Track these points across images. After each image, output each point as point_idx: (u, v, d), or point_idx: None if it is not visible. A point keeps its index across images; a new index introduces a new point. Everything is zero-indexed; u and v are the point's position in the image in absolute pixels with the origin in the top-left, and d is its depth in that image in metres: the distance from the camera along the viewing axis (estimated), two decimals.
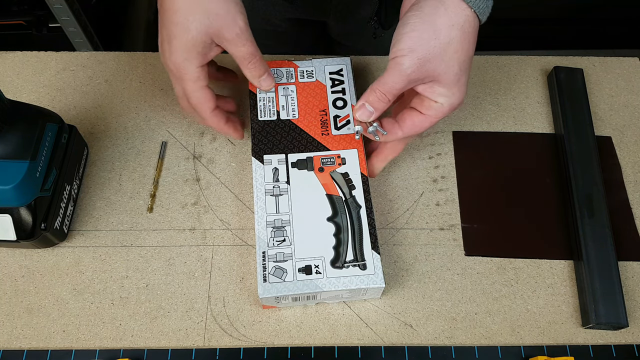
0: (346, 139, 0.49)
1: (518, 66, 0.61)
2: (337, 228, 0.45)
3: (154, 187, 0.52)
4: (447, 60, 0.39)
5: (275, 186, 0.47)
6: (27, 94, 0.57)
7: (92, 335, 0.45)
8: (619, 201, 0.53)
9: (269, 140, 0.49)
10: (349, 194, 0.47)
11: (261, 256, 0.44)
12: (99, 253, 0.49)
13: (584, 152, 0.53)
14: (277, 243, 0.44)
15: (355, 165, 0.48)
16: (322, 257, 0.44)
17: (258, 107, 0.51)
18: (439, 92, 0.41)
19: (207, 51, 0.44)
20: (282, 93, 0.52)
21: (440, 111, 0.42)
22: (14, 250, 0.48)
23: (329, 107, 0.51)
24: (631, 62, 0.62)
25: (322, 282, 0.43)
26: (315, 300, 0.45)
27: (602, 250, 0.48)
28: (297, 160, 0.48)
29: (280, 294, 0.43)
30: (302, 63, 0.54)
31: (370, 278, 0.43)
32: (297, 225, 0.45)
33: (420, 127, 0.43)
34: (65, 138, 0.48)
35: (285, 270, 0.43)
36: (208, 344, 0.45)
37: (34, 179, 0.43)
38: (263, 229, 0.45)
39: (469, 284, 0.48)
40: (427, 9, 0.39)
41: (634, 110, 0.59)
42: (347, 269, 0.44)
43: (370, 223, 0.45)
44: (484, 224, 0.51)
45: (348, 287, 0.43)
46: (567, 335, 0.46)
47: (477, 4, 0.38)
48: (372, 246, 0.45)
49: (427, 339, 0.46)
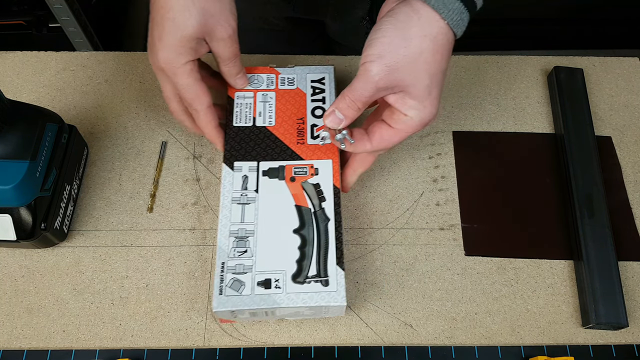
0: (322, 149, 0.48)
1: (518, 66, 0.61)
2: (302, 241, 0.43)
3: (154, 187, 0.52)
4: (417, 70, 0.38)
5: (243, 194, 0.46)
6: (27, 94, 0.57)
7: (92, 335, 0.45)
8: (619, 201, 0.53)
9: (242, 147, 0.48)
10: (318, 205, 0.45)
11: (220, 267, 0.42)
12: (99, 253, 0.49)
13: (584, 152, 0.53)
14: (239, 254, 0.43)
15: (329, 177, 0.46)
16: (284, 271, 0.42)
17: (234, 113, 0.50)
18: (410, 104, 0.39)
19: (198, 47, 0.44)
20: (261, 99, 0.51)
21: (410, 125, 0.40)
22: (14, 250, 0.48)
23: (307, 115, 0.50)
24: (631, 62, 0.62)
25: (281, 298, 0.41)
26: (275, 316, 0.44)
27: (602, 250, 0.48)
28: (268, 169, 0.47)
29: (236, 308, 0.41)
30: (284, 70, 0.52)
31: (331, 295, 0.41)
32: (261, 236, 0.44)
33: (388, 142, 0.42)
34: (65, 138, 0.48)
35: (243, 283, 0.42)
36: (208, 344, 0.45)
37: (34, 179, 0.43)
38: (225, 239, 0.43)
39: (469, 284, 0.48)
40: (401, 16, 0.38)
41: (634, 110, 0.59)
42: (309, 285, 0.42)
43: (337, 237, 0.44)
44: (484, 224, 0.51)
45: (307, 304, 0.41)
46: (567, 335, 0.47)
47: (450, 16, 0.37)
48: (337, 262, 0.43)
49: (427, 339, 0.46)
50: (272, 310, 0.42)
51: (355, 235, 0.50)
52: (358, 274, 0.48)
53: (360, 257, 0.49)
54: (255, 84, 0.51)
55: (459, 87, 0.59)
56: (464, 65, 0.61)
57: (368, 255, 0.49)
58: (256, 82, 0.52)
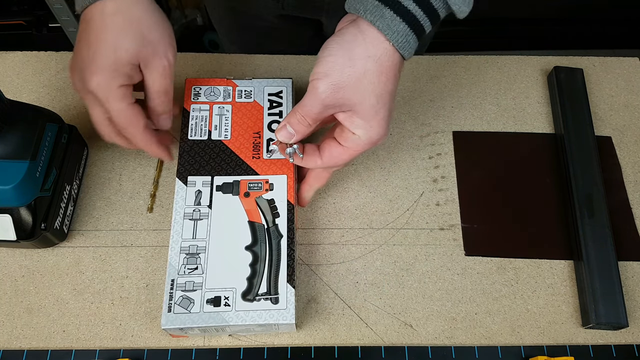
0: (277, 163, 0.47)
1: (518, 66, 0.61)
2: (254, 257, 0.43)
3: (154, 187, 0.52)
4: (363, 90, 0.38)
5: (195, 210, 0.45)
6: (27, 94, 0.57)
7: (92, 335, 0.45)
8: (619, 201, 0.53)
9: (196, 161, 0.47)
10: (272, 221, 0.45)
11: (169, 284, 0.42)
12: (99, 253, 0.49)
13: (584, 152, 0.53)
14: (189, 271, 0.43)
15: (283, 192, 0.46)
16: (234, 289, 0.42)
17: (189, 126, 0.49)
18: (357, 123, 0.39)
19: (133, 74, 0.42)
20: (217, 112, 0.50)
21: (358, 144, 0.41)
22: (14, 250, 0.48)
23: (264, 129, 0.49)
24: (631, 62, 0.62)
25: (230, 316, 0.41)
26: (225, 332, 0.44)
27: (602, 250, 0.48)
28: (222, 184, 0.46)
29: (185, 326, 0.41)
30: (241, 82, 0.52)
31: (280, 313, 0.41)
32: (213, 253, 0.43)
33: (338, 159, 0.42)
34: (65, 138, 0.48)
35: (192, 300, 0.41)
36: (208, 344, 0.45)
37: (34, 179, 0.43)
38: (176, 256, 0.43)
39: (469, 284, 0.48)
40: (348, 36, 0.38)
41: (634, 110, 0.59)
42: (258, 302, 0.41)
43: (289, 254, 0.43)
44: (484, 224, 0.51)
45: (256, 322, 0.41)
46: (567, 335, 0.47)
47: (395, 38, 0.37)
48: (288, 279, 0.43)
49: (427, 339, 0.46)
50: (222, 327, 0.41)
51: (355, 235, 0.50)
52: (358, 274, 0.48)
53: (360, 257, 0.49)
54: (212, 97, 0.51)
55: (459, 87, 0.59)
56: (464, 65, 0.61)
57: (368, 255, 0.49)
58: (213, 95, 0.51)
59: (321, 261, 0.49)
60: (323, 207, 0.51)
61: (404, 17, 0.37)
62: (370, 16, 0.37)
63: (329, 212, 0.51)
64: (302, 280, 0.48)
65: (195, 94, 0.51)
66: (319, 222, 0.51)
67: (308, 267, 0.49)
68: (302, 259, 0.49)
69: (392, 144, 0.55)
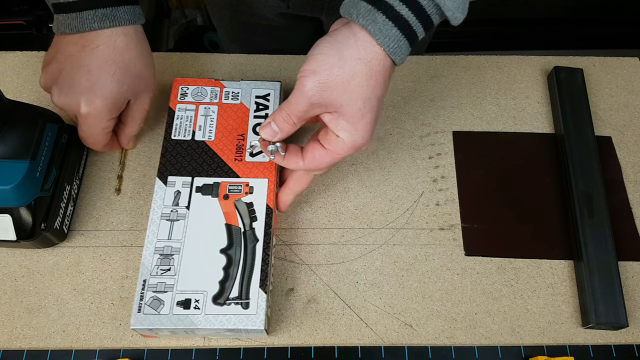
0: (259, 167, 0.47)
1: (518, 66, 0.61)
2: (228, 261, 0.43)
3: (120, 169, 0.52)
4: (350, 92, 0.38)
5: (173, 210, 0.45)
6: (27, 94, 0.57)
7: (92, 335, 0.45)
8: (619, 201, 0.53)
9: (178, 161, 0.47)
10: (249, 225, 0.44)
11: (141, 284, 0.42)
12: (99, 253, 0.49)
13: (584, 152, 0.53)
14: (162, 272, 0.42)
15: (263, 196, 0.46)
16: (205, 292, 0.42)
17: (174, 125, 0.49)
18: (342, 125, 0.39)
19: (123, 105, 0.47)
20: (202, 113, 0.50)
21: (342, 147, 0.40)
22: (14, 250, 0.48)
23: (248, 132, 0.49)
24: (631, 62, 0.62)
25: (198, 319, 0.41)
26: (195, 334, 0.43)
27: (602, 250, 0.48)
28: (202, 185, 0.46)
29: (154, 327, 0.41)
30: (229, 84, 0.51)
31: (249, 319, 0.41)
32: (187, 255, 0.43)
33: (320, 162, 0.42)
34: (65, 138, 0.48)
35: (162, 302, 0.41)
36: (208, 344, 0.45)
37: (34, 179, 0.43)
38: (150, 256, 0.43)
39: (469, 284, 0.48)
40: (340, 36, 0.38)
41: (634, 110, 0.59)
42: (228, 307, 0.41)
43: (264, 259, 0.43)
44: (484, 224, 0.51)
45: (225, 327, 0.41)
46: (567, 335, 0.47)
47: (387, 43, 0.37)
48: (260, 284, 0.42)
49: (427, 339, 0.46)
50: (192, 329, 0.41)
51: (355, 235, 0.50)
52: (358, 274, 0.48)
53: (360, 257, 0.49)
54: (198, 97, 0.50)
55: (458, 87, 0.59)
56: (464, 65, 0.61)
57: (368, 255, 0.49)
58: (200, 95, 0.50)
59: (321, 261, 0.49)
60: (323, 207, 0.51)
61: (396, 22, 0.37)
62: (363, 20, 0.37)
63: (329, 212, 0.51)
64: (302, 280, 0.48)
65: (182, 94, 0.51)
66: (319, 222, 0.51)
67: (308, 267, 0.49)
68: (302, 259, 0.49)
69: (392, 144, 0.55)
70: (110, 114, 0.46)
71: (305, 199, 0.52)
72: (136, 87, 0.46)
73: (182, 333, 0.43)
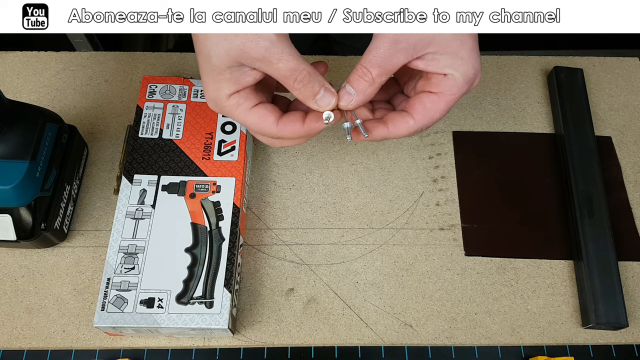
0: (227, 165, 0.47)
1: (518, 66, 0.61)
2: (193, 260, 0.43)
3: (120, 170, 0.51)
4: None
5: (138, 209, 0.45)
6: (27, 94, 0.57)
7: (92, 335, 0.45)
8: (619, 201, 0.53)
9: (145, 159, 0.47)
10: (215, 224, 0.44)
11: (105, 283, 0.42)
12: (99, 253, 0.49)
13: (584, 152, 0.53)
14: (126, 270, 0.42)
15: (230, 195, 0.45)
16: (169, 291, 0.42)
17: (141, 123, 0.49)
18: (444, 61, 0.33)
19: (237, 76, 0.35)
20: (170, 111, 0.49)
21: (454, 85, 0.34)
22: (14, 250, 0.48)
23: (217, 130, 0.49)
24: (631, 62, 0.62)
25: (162, 318, 0.41)
26: (160, 333, 0.43)
27: (602, 250, 0.48)
28: (169, 184, 0.46)
29: (117, 325, 0.41)
30: (198, 82, 0.51)
31: (213, 318, 0.41)
32: (151, 254, 0.43)
33: (434, 111, 0.35)
34: (65, 138, 0.48)
35: (126, 300, 0.41)
36: (208, 344, 0.45)
37: (34, 179, 0.43)
38: (114, 254, 0.43)
39: (469, 284, 0.48)
40: None
41: (634, 110, 0.59)
42: (192, 306, 0.41)
43: (229, 258, 0.43)
44: (483, 224, 0.51)
45: (188, 326, 0.41)
46: (567, 335, 0.47)
47: None
48: (225, 283, 0.42)
49: (427, 339, 0.46)
50: (155, 328, 0.41)
51: (355, 235, 0.50)
52: (358, 274, 0.48)
53: (360, 257, 0.49)
54: (167, 95, 0.51)
55: None
56: None
57: (368, 255, 0.49)
58: (168, 93, 0.51)
59: (321, 261, 0.49)
60: (323, 207, 0.51)
61: None
62: None
63: (329, 212, 0.51)
64: (302, 280, 0.48)
65: (151, 92, 0.51)
66: (319, 222, 0.51)
67: (308, 267, 0.49)
68: (302, 259, 0.49)
69: (392, 144, 0.55)
70: (228, 90, 0.36)
71: (305, 199, 0.52)
72: (229, 50, 0.34)
73: (146, 332, 0.43)
